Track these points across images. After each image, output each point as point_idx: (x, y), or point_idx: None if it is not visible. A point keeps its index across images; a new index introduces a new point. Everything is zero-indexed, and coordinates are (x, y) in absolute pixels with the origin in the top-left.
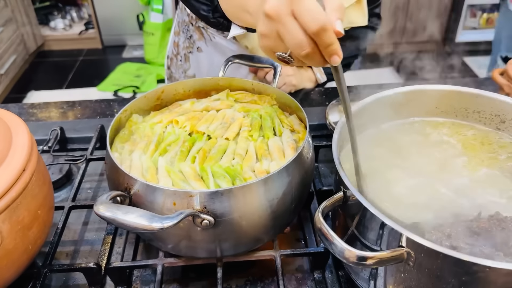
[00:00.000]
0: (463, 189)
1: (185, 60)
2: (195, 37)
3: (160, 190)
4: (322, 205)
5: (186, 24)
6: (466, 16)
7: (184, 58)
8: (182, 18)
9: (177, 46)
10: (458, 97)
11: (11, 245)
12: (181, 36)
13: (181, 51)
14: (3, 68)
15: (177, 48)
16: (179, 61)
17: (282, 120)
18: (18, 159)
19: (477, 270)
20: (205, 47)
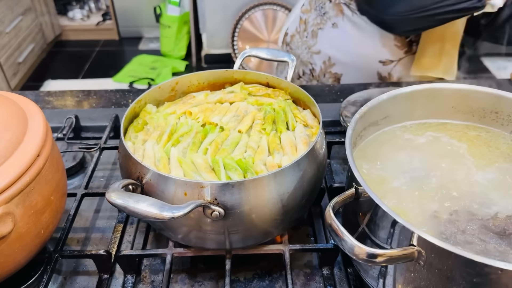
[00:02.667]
0: (480, 190)
1: (312, 36)
2: (331, 13)
3: (172, 180)
4: (333, 201)
5: (322, 2)
6: None
7: (311, 35)
8: None
9: (304, 23)
10: (476, 97)
11: (23, 229)
12: (311, 14)
13: (309, 28)
14: (21, 56)
15: (304, 25)
16: (305, 37)
17: (295, 115)
18: (33, 144)
19: (489, 271)
20: (342, 23)
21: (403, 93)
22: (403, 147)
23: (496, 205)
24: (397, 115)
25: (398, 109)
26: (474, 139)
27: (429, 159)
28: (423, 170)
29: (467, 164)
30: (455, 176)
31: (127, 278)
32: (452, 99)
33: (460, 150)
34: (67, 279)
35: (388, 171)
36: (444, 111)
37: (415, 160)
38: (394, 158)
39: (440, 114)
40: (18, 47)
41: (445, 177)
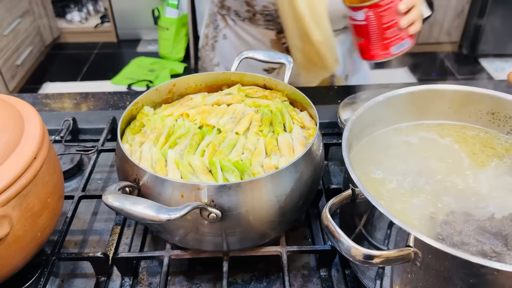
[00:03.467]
0: (476, 191)
1: (211, 49)
2: (221, 25)
3: (169, 182)
4: (330, 202)
5: (214, 15)
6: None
7: (211, 48)
8: (211, 10)
9: (206, 37)
10: (472, 98)
11: (20, 232)
12: (210, 27)
13: (209, 41)
14: (19, 59)
15: (206, 39)
16: (207, 51)
17: (292, 116)
18: (30, 147)
19: (485, 272)
20: (229, 34)
21: (399, 94)
22: (400, 148)
23: (492, 205)
24: (393, 117)
25: (394, 110)
26: (471, 140)
27: (426, 160)
28: (419, 171)
29: (463, 165)
30: (451, 177)
31: (125, 280)
32: (449, 100)
33: (457, 151)
34: (64, 281)
35: (385, 172)
36: (441, 112)
37: (412, 161)
38: (390, 159)
39: (436, 115)
40: (16, 50)
41: (442, 178)
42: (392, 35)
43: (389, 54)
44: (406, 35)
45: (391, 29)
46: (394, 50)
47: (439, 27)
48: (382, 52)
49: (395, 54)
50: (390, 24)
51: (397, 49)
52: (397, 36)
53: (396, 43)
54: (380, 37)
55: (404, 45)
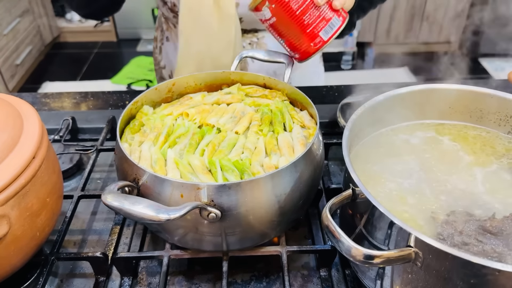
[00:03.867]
0: (477, 191)
1: (159, 52)
2: (164, 28)
3: (168, 182)
4: (330, 202)
5: (160, 17)
6: None
7: (159, 50)
8: (159, 12)
9: (156, 40)
10: (473, 97)
11: (19, 232)
12: (158, 30)
13: (158, 44)
14: (19, 58)
15: (155, 42)
16: (156, 54)
17: (292, 116)
18: (28, 146)
19: (486, 273)
20: (170, 37)
21: (399, 93)
22: (400, 147)
23: (493, 205)
24: (394, 116)
25: (395, 110)
26: (471, 140)
27: (426, 160)
28: (420, 170)
29: (464, 165)
30: (452, 177)
31: (124, 280)
32: (449, 99)
33: (457, 151)
34: (63, 281)
35: (385, 172)
36: (441, 111)
37: (412, 160)
38: (391, 158)
39: (437, 114)
40: (16, 49)
41: (442, 178)
42: (312, 19)
43: (322, 42)
44: (331, 13)
45: (307, 12)
46: (325, 35)
47: (439, 27)
48: (312, 42)
49: (329, 39)
50: (302, 8)
51: (327, 33)
52: (320, 18)
53: (322, 26)
54: (299, 27)
55: (334, 25)
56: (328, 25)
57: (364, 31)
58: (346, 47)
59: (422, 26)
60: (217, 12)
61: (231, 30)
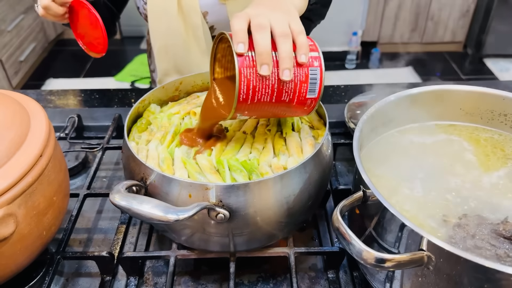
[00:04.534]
0: (490, 194)
1: (149, 56)
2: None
3: (176, 182)
4: (341, 204)
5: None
6: None
7: (149, 54)
8: None
9: (148, 44)
10: (484, 99)
11: (25, 230)
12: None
13: (148, 47)
14: (22, 55)
15: (147, 46)
16: (148, 58)
17: (301, 116)
18: (36, 145)
19: (500, 278)
20: None
21: (410, 94)
22: (411, 149)
23: (506, 209)
24: (404, 117)
25: (405, 110)
26: (483, 142)
27: (437, 162)
28: (431, 172)
29: (475, 167)
30: (463, 179)
31: (130, 280)
32: (460, 100)
33: (468, 153)
34: (69, 280)
35: (396, 173)
36: (452, 113)
37: (423, 162)
38: (401, 160)
39: (447, 116)
40: (20, 46)
41: (453, 180)
42: (290, 91)
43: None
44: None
45: (282, 91)
46: (313, 93)
47: (444, 27)
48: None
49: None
50: (275, 92)
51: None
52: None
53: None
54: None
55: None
56: (309, 83)
57: (368, 30)
58: (350, 47)
59: (427, 26)
60: (183, 22)
61: (201, 39)
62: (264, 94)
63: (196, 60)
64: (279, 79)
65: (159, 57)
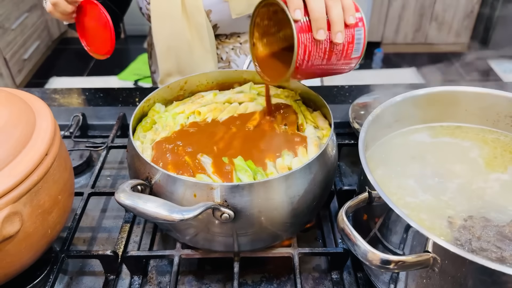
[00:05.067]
0: (495, 196)
1: (150, 57)
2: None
3: (181, 181)
4: (346, 205)
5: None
6: None
7: (149, 55)
8: None
9: (148, 45)
10: (490, 100)
11: (31, 229)
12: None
13: (148, 48)
14: (26, 53)
15: (148, 47)
16: (148, 59)
17: (305, 116)
18: (41, 143)
19: (506, 280)
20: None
21: (416, 95)
22: (416, 150)
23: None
24: (410, 118)
25: (411, 111)
26: (490, 143)
27: (443, 163)
28: (436, 173)
29: (481, 169)
30: (469, 181)
31: (134, 279)
32: (466, 102)
33: (474, 154)
34: (73, 279)
35: (401, 175)
36: (458, 114)
37: (428, 163)
38: (406, 161)
39: (453, 117)
40: (24, 44)
41: (459, 182)
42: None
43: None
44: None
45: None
46: (356, 52)
47: (448, 28)
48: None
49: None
50: (327, 55)
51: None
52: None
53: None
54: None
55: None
56: (355, 43)
57: (372, 30)
58: None
59: (430, 27)
60: (187, 22)
61: (205, 38)
62: (317, 57)
63: (199, 60)
64: (331, 42)
65: (161, 58)
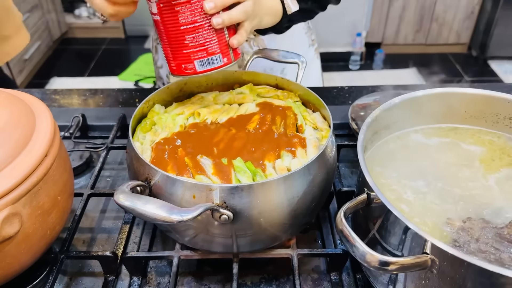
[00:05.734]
0: (494, 198)
1: (155, 52)
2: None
3: (180, 182)
4: (345, 207)
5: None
6: None
7: (155, 50)
8: None
9: (152, 40)
10: (489, 102)
11: (30, 230)
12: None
13: (153, 43)
14: (27, 53)
15: (152, 42)
16: (153, 54)
17: (305, 117)
18: (41, 144)
19: (504, 282)
20: None
21: (415, 97)
22: (415, 151)
23: (511, 213)
24: (409, 119)
25: (410, 113)
26: (488, 145)
27: (441, 165)
28: (435, 175)
29: (479, 171)
30: (467, 183)
31: (133, 280)
32: (465, 103)
33: (473, 156)
34: (72, 280)
35: (400, 176)
36: (457, 115)
37: (427, 165)
38: (405, 162)
39: (452, 118)
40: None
41: (457, 183)
42: (194, 43)
43: (193, 71)
44: (217, 48)
45: (193, 34)
46: (199, 66)
47: (449, 28)
48: (184, 65)
49: (202, 71)
50: (190, 27)
51: (202, 65)
52: (203, 47)
53: (200, 56)
54: (179, 43)
55: (214, 63)
56: (207, 58)
57: (372, 31)
58: (354, 47)
59: (431, 27)
60: None
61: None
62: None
63: None
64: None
65: None
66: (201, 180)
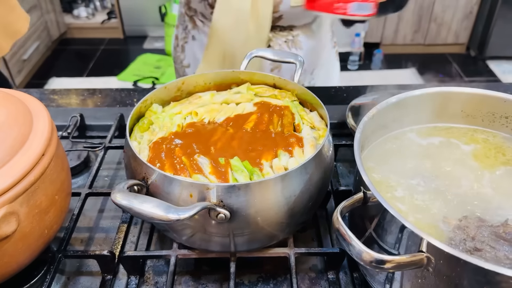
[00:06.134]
0: (490, 196)
1: (182, 51)
2: (189, 27)
3: (178, 181)
4: (341, 205)
5: (183, 16)
6: None
7: (181, 49)
8: (180, 11)
9: (177, 39)
10: (486, 101)
11: (27, 229)
12: (180, 29)
13: (179, 42)
14: (26, 54)
15: (176, 41)
16: (177, 53)
17: (302, 117)
18: (38, 144)
19: (500, 280)
20: (198, 35)
21: (412, 96)
22: (412, 150)
23: (506, 211)
24: (406, 119)
25: (407, 112)
26: (484, 144)
27: (438, 164)
28: (431, 174)
29: (476, 169)
30: (464, 181)
31: (131, 279)
32: (462, 102)
33: (469, 155)
34: (70, 279)
35: (396, 175)
36: (453, 115)
37: (424, 164)
38: (402, 161)
39: (449, 118)
40: (23, 45)
41: (454, 182)
42: None
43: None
44: None
45: None
46: (352, 8)
47: (447, 28)
48: (337, 4)
49: (351, 14)
50: None
51: (357, 9)
52: None
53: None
54: None
55: (365, 9)
56: (363, 3)
57: (371, 31)
58: (353, 48)
59: (430, 27)
60: (254, 13)
61: (266, 29)
62: None
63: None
64: None
65: (216, 46)
66: (198, 179)
